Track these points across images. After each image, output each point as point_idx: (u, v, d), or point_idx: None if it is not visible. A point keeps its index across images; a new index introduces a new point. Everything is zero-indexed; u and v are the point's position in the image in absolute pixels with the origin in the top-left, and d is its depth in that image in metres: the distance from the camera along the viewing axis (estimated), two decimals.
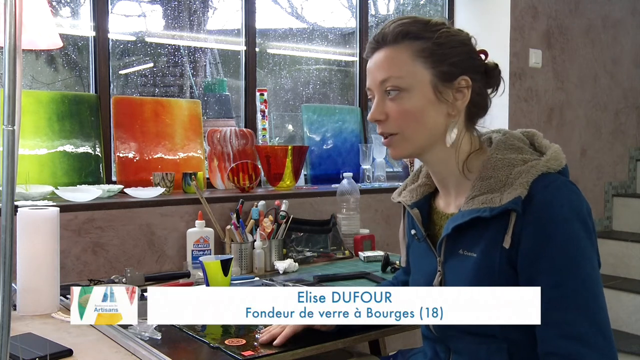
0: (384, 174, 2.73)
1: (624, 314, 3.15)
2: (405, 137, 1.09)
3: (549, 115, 3.34)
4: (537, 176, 1.01)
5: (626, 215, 3.75)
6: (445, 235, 1.08)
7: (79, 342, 1.22)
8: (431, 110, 1.07)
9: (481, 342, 1.04)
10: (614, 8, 3.68)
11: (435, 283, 1.11)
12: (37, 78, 2.29)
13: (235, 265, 1.86)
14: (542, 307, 0.95)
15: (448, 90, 1.07)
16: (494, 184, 1.04)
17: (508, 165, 1.05)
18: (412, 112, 1.07)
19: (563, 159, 1.05)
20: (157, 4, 2.59)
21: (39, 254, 1.40)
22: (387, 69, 1.08)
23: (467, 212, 1.05)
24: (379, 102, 1.09)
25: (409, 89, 1.06)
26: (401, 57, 1.07)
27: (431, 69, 1.07)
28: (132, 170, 2.17)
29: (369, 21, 2.98)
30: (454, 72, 1.07)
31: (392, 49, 1.08)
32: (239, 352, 1.17)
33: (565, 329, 0.94)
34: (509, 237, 0.99)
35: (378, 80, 1.09)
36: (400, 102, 1.07)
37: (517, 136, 1.12)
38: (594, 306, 0.95)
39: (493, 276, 1.01)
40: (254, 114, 2.55)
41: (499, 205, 1.00)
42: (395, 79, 1.07)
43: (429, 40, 1.07)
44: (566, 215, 0.97)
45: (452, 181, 1.13)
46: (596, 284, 0.97)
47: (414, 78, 1.07)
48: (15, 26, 0.94)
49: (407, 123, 1.07)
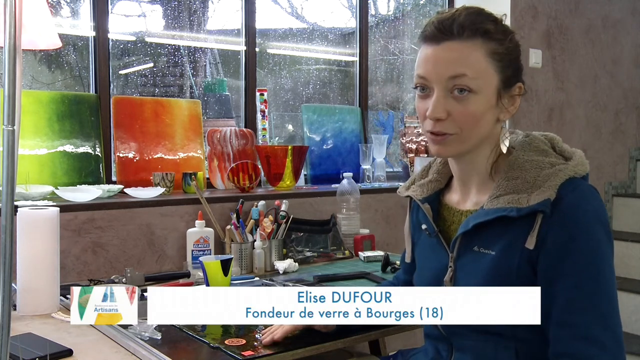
0: (384, 174, 2.73)
1: (624, 314, 3.12)
2: (462, 139, 1.05)
3: (549, 115, 3.34)
4: (565, 180, 1.01)
5: (626, 215, 3.74)
6: (463, 232, 1.08)
7: (79, 342, 1.22)
8: (489, 114, 1.05)
9: (488, 339, 1.05)
10: (614, 8, 3.68)
11: (446, 279, 1.11)
12: (37, 78, 2.29)
13: (235, 265, 1.86)
14: (558, 308, 0.97)
15: (506, 96, 1.06)
16: (521, 185, 1.04)
17: (536, 167, 1.05)
18: (475, 116, 1.03)
19: (587, 165, 1.06)
20: (157, 4, 2.59)
21: (39, 254, 1.40)
22: (462, 65, 1.02)
23: (491, 210, 1.04)
24: (440, 99, 1.03)
25: (478, 90, 1.02)
26: (477, 56, 1.03)
27: (499, 74, 1.04)
28: (132, 170, 2.17)
29: (369, 21, 2.98)
30: (514, 78, 1.07)
31: (468, 44, 1.03)
32: (239, 352, 1.17)
33: (580, 331, 0.95)
34: (534, 238, 0.99)
35: (447, 75, 1.02)
36: (467, 103, 1.03)
37: (541, 139, 1.12)
38: (610, 310, 0.96)
39: (511, 275, 1.01)
40: (254, 114, 2.55)
41: (527, 206, 1.00)
42: (469, 79, 1.02)
43: (502, 43, 1.05)
44: (591, 220, 0.99)
45: (475, 180, 1.13)
46: (612, 289, 0.98)
47: (485, 81, 1.03)
48: (15, 26, 0.94)
49: (468, 125, 1.04)
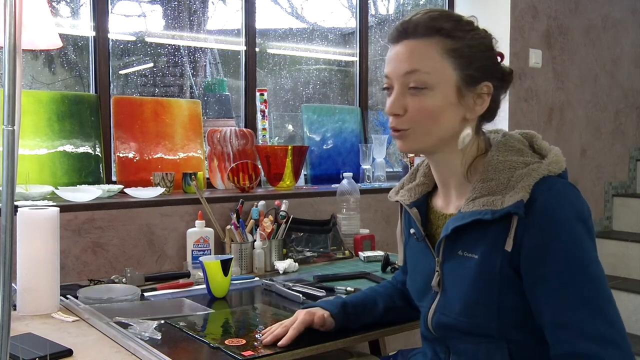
0: (384, 174, 2.73)
1: (624, 314, 3.12)
2: (417, 134, 1.06)
3: (549, 115, 3.34)
4: (539, 179, 1.01)
5: (626, 215, 3.74)
6: (445, 236, 1.08)
7: (79, 342, 1.22)
8: (449, 111, 1.05)
9: (480, 342, 1.05)
10: (614, 8, 3.68)
11: (433, 284, 1.11)
12: (37, 78, 2.29)
13: (235, 265, 1.86)
14: (550, 310, 0.96)
15: (470, 94, 1.06)
16: (495, 187, 1.04)
17: (509, 168, 1.05)
18: (431, 111, 1.04)
19: (563, 162, 1.05)
20: (157, 4, 2.59)
21: (39, 254, 1.40)
22: (415, 61, 1.04)
23: (467, 213, 1.04)
24: (398, 96, 1.06)
25: (433, 86, 1.04)
26: (431, 53, 1.04)
27: (458, 71, 1.05)
28: (132, 170, 2.17)
29: (369, 21, 2.98)
30: (478, 77, 1.06)
31: (422, 42, 1.05)
32: (239, 352, 1.17)
33: (581, 329, 0.93)
34: (511, 240, 0.99)
35: (402, 72, 1.05)
36: (422, 98, 1.04)
37: (517, 137, 1.12)
38: (604, 302, 0.95)
39: (494, 278, 1.01)
40: (254, 114, 2.55)
41: (501, 208, 1.00)
42: (422, 74, 1.04)
43: (461, 40, 1.05)
44: (568, 217, 0.98)
45: (453, 182, 1.13)
46: (602, 281, 0.97)
47: (440, 76, 1.04)
48: (15, 26, 0.94)
49: (423, 121, 1.05)
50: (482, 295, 1.02)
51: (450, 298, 1.08)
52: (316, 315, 1.26)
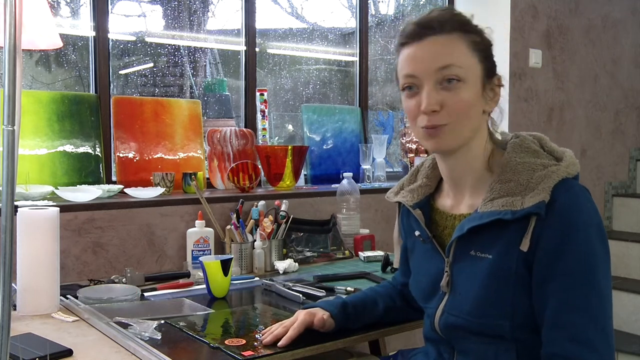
0: (384, 174, 2.73)
1: (624, 314, 3.15)
2: (454, 129, 1.06)
3: (548, 115, 3.34)
4: (558, 181, 1.01)
5: (626, 215, 3.74)
6: (458, 236, 1.08)
7: (79, 342, 1.22)
8: (478, 104, 1.07)
9: (489, 342, 1.05)
10: (614, 8, 3.68)
11: (442, 284, 1.11)
12: (37, 78, 2.29)
13: (235, 265, 1.86)
14: (551, 309, 0.97)
15: (488, 87, 1.09)
16: (515, 187, 1.04)
17: (528, 170, 1.05)
18: (467, 104, 1.05)
19: (578, 164, 1.07)
20: (157, 4, 2.59)
21: (39, 254, 1.40)
22: (449, 56, 1.04)
23: (486, 214, 1.04)
24: (431, 92, 1.05)
25: (466, 79, 1.05)
26: (461, 47, 1.06)
27: (482, 63, 1.07)
28: (132, 170, 2.17)
29: (369, 21, 2.98)
30: (494, 69, 1.10)
31: (451, 37, 1.06)
32: (239, 352, 1.17)
33: (573, 333, 0.95)
34: (528, 240, 1.00)
35: (435, 67, 1.04)
36: (458, 92, 1.04)
37: (530, 139, 1.13)
38: (602, 313, 0.96)
39: (509, 278, 1.01)
40: (254, 114, 2.55)
41: (521, 209, 1.00)
42: (457, 68, 1.04)
43: (480, 34, 1.08)
44: (586, 221, 0.99)
45: (469, 180, 1.12)
46: (607, 292, 0.98)
47: (471, 70, 1.06)
48: (15, 26, 0.94)
49: (460, 114, 1.05)
50: (495, 296, 1.02)
51: (459, 298, 1.08)
52: (316, 316, 1.26)
